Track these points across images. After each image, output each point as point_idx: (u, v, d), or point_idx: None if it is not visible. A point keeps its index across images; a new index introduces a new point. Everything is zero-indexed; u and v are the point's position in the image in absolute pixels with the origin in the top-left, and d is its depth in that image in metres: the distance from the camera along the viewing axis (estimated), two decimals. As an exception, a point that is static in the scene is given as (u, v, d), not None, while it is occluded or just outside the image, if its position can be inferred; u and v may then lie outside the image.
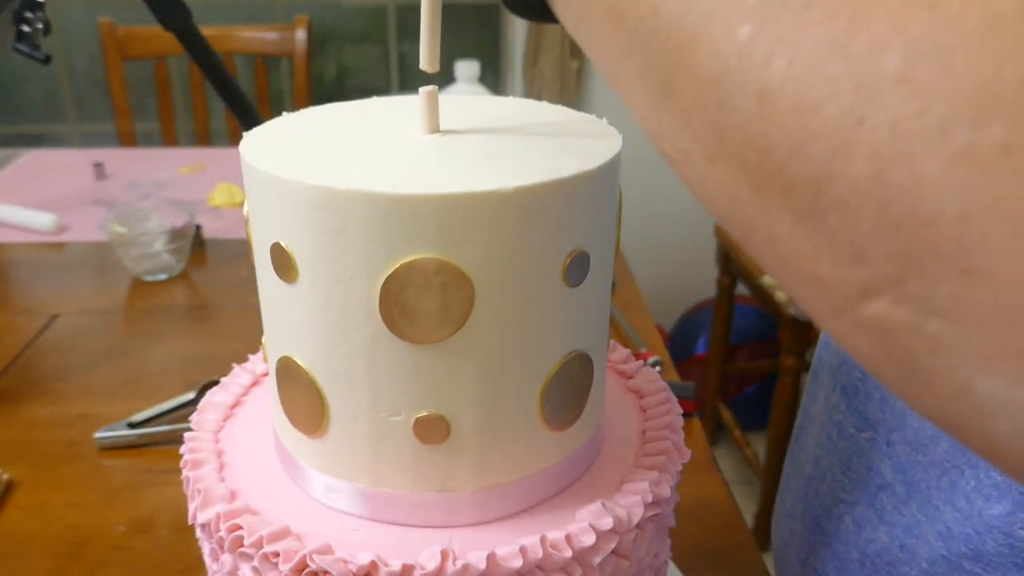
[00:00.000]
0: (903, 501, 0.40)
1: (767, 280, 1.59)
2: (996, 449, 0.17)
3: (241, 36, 1.76)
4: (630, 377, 0.44)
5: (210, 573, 0.35)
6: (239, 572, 0.32)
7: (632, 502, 0.33)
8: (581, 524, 0.32)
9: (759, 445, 1.91)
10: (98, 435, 0.66)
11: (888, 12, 0.16)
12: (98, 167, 1.29)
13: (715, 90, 0.19)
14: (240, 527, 0.31)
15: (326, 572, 0.30)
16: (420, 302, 0.29)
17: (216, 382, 0.43)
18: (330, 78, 2.22)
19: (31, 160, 1.39)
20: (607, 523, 0.32)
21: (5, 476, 0.61)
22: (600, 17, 0.24)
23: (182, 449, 0.37)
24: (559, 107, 0.39)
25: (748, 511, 1.68)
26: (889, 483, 0.41)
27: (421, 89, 0.33)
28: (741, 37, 0.18)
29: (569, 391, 0.34)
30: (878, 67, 0.16)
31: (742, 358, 1.99)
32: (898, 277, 0.16)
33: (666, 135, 0.22)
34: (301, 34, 1.76)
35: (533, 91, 2.05)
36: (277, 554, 0.30)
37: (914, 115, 0.15)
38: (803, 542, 0.48)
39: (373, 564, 0.29)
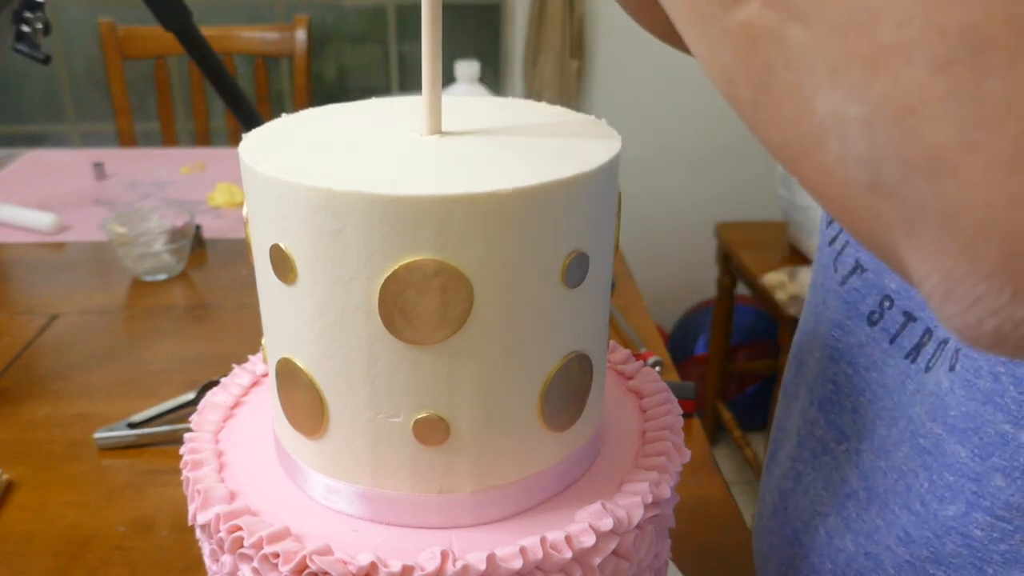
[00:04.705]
0: (864, 507, 0.40)
1: (767, 280, 1.59)
2: (825, 177, 0.17)
3: (241, 36, 1.76)
4: (630, 377, 0.44)
5: (210, 574, 0.35)
6: (239, 573, 0.32)
7: (632, 503, 0.33)
8: (581, 525, 0.32)
9: (759, 445, 1.91)
10: (98, 435, 0.66)
11: None
12: (98, 167, 1.29)
13: None
14: (240, 528, 0.31)
15: (326, 573, 0.30)
16: (419, 303, 0.29)
17: (216, 382, 0.43)
18: (330, 78, 2.22)
19: (31, 160, 1.39)
20: (607, 524, 0.32)
21: (5, 476, 0.61)
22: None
23: (182, 450, 0.37)
24: (559, 108, 0.39)
25: (748, 511, 1.68)
26: (854, 491, 0.41)
27: (423, 90, 0.33)
28: None
29: (569, 392, 0.34)
30: None
31: (742, 358, 1.99)
32: None
33: None
34: (301, 34, 1.76)
35: (533, 91, 2.05)
36: (277, 555, 0.30)
37: None
38: (782, 555, 0.48)
39: (373, 565, 0.30)
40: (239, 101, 0.91)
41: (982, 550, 0.34)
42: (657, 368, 0.75)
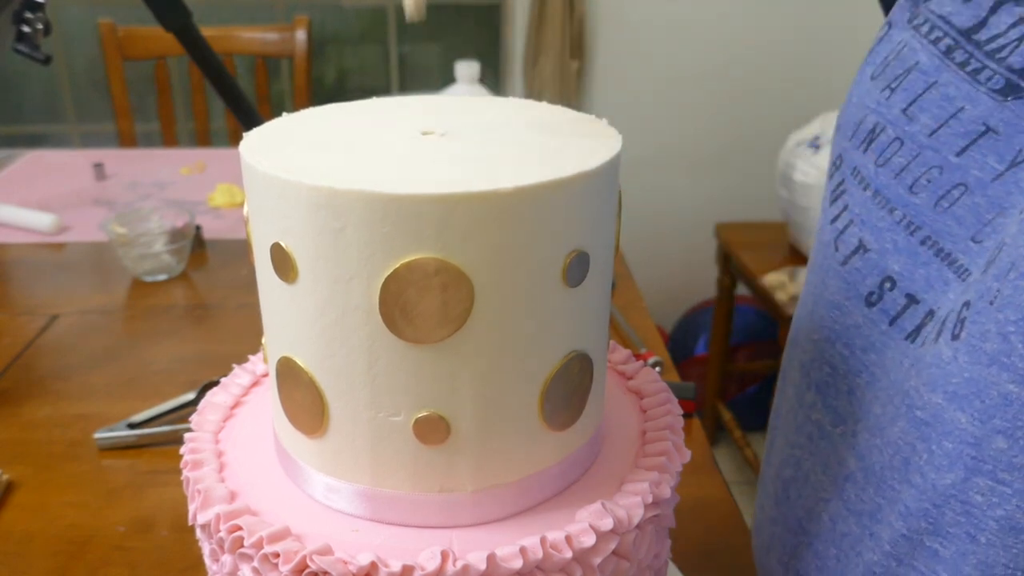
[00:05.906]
0: (862, 487, 0.40)
1: (767, 280, 1.59)
2: None
3: (241, 37, 1.76)
4: (630, 378, 0.44)
5: (210, 574, 0.35)
6: (239, 573, 0.32)
7: (632, 503, 0.33)
8: (581, 525, 0.32)
9: (759, 445, 1.91)
10: (98, 435, 0.66)
11: None
12: (98, 167, 1.29)
13: None
14: (240, 528, 0.31)
15: (326, 573, 0.30)
16: (420, 302, 0.29)
17: (216, 382, 0.43)
18: (330, 79, 2.22)
19: (31, 160, 1.39)
20: (607, 524, 0.32)
21: (5, 476, 0.61)
22: None
23: (182, 450, 0.37)
24: (559, 107, 0.39)
25: (748, 511, 1.68)
26: (852, 472, 0.42)
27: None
28: None
29: (569, 391, 0.34)
30: None
31: (742, 358, 1.99)
32: None
33: None
34: (301, 35, 1.76)
35: (533, 91, 2.05)
36: (277, 555, 0.30)
37: None
38: (785, 545, 0.48)
39: (373, 565, 0.29)
40: (239, 101, 0.91)
41: (980, 517, 0.34)
42: (657, 368, 0.75)
